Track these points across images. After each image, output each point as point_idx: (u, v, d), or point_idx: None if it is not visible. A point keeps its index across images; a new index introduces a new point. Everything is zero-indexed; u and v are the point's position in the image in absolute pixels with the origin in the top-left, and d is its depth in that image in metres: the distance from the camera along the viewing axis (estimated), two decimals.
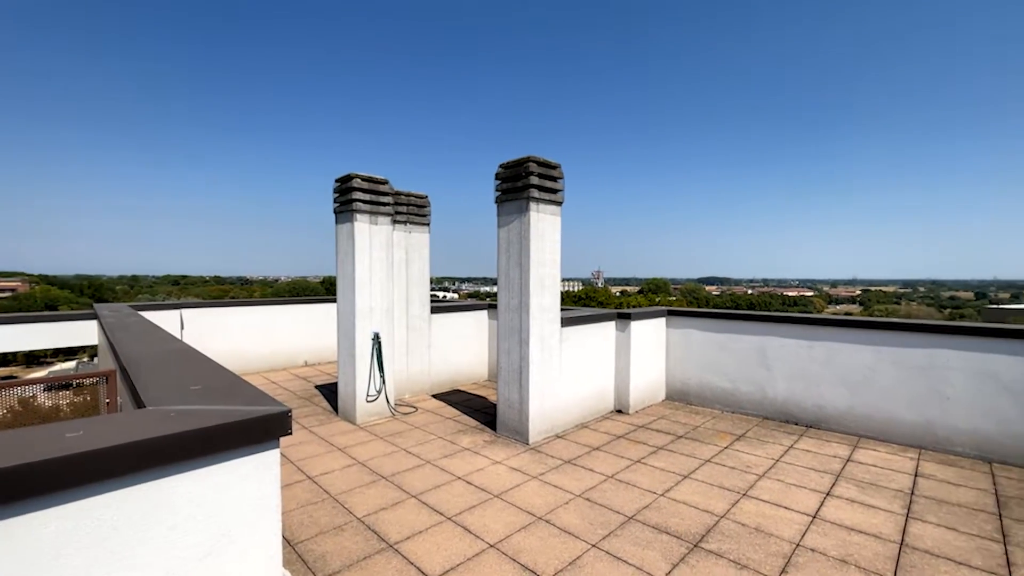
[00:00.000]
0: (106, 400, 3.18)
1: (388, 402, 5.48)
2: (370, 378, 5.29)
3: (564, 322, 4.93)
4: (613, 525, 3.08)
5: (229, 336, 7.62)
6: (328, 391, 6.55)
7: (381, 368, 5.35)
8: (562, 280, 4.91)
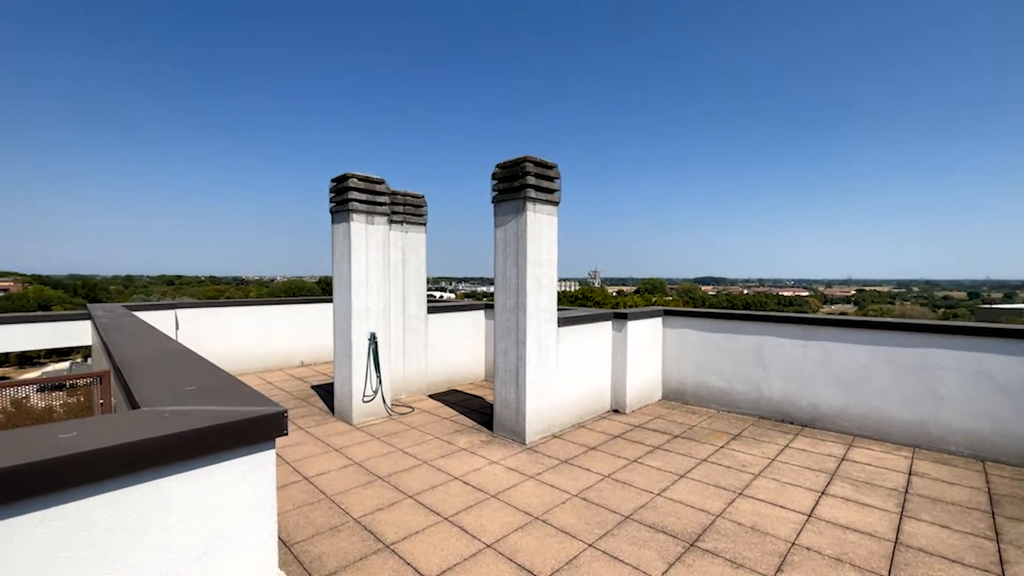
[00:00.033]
0: (100, 401, 3.16)
1: (384, 402, 5.47)
2: (366, 378, 5.28)
3: (561, 322, 4.93)
4: (610, 525, 3.09)
5: (224, 336, 7.59)
6: (324, 391, 6.53)
7: (378, 368, 5.34)
8: (559, 280, 4.91)
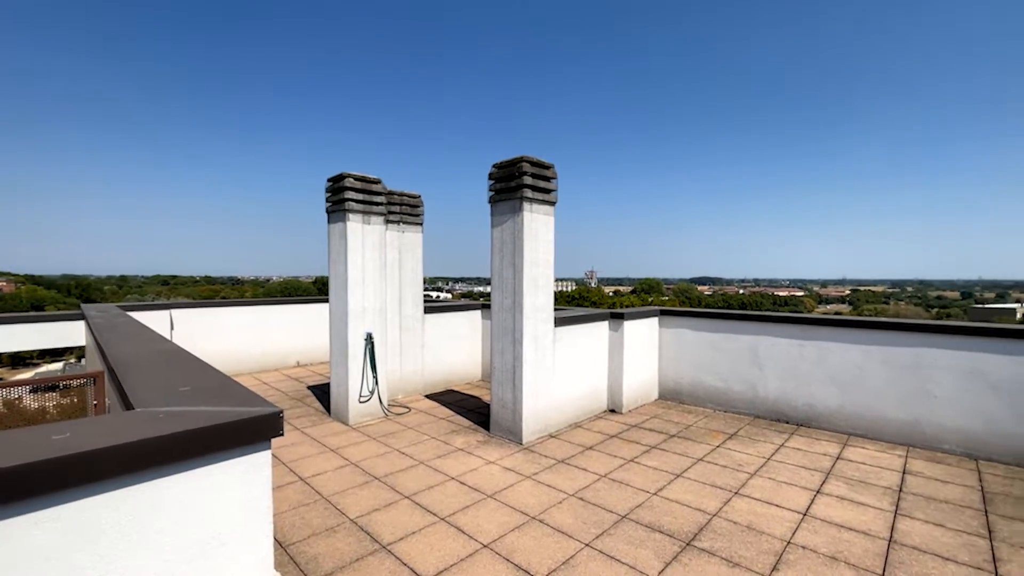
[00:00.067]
0: (94, 402, 3.14)
1: (381, 403, 5.45)
2: (363, 378, 5.26)
3: (558, 322, 4.94)
4: (606, 524, 3.09)
5: (220, 337, 7.55)
6: (320, 392, 6.51)
7: (374, 368, 5.32)
8: (555, 280, 4.92)
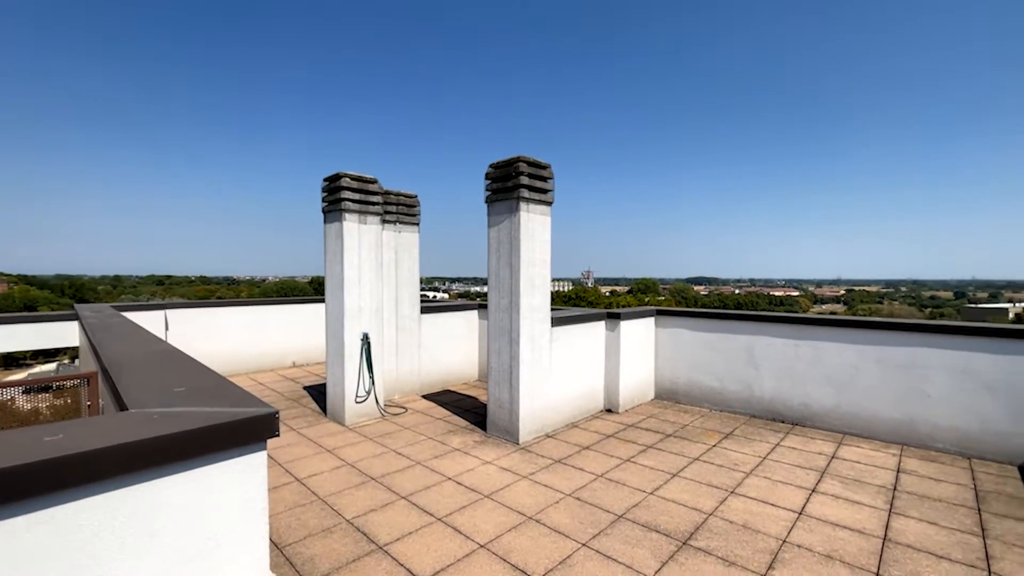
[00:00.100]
0: (87, 403, 3.12)
1: (377, 403, 5.44)
2: (359, 379, 5.25)
3: (554, 322, 4.94)
4: (603, 524, 3.10)
5: (215, 337, 7.51)
6: (316, 392, 6.49)
7: (370, 369, 5.31)
8: (552, 280, 4.92)
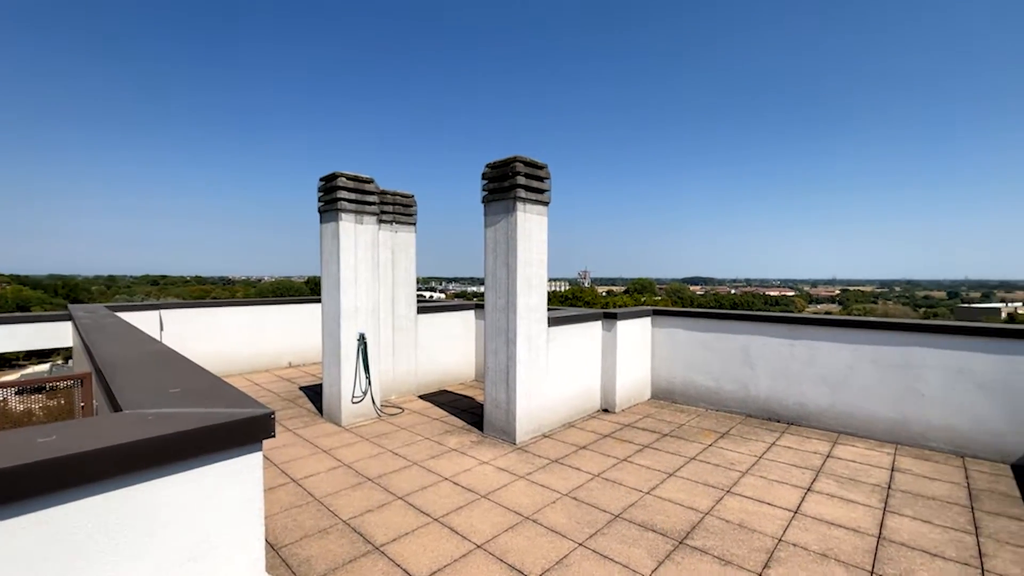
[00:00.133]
0: (81, 404, 3.10)
1: (374, 403, 5.43)
2: (355, 379, 5.23)
3: (551, 322, 4.94)
4: (600, 524, 3.10)
5: (210, 337, 7.47)
6: (313, 393, 6.47)
7: (367, 369, 5.30)
8: (549, 280, 4.92)
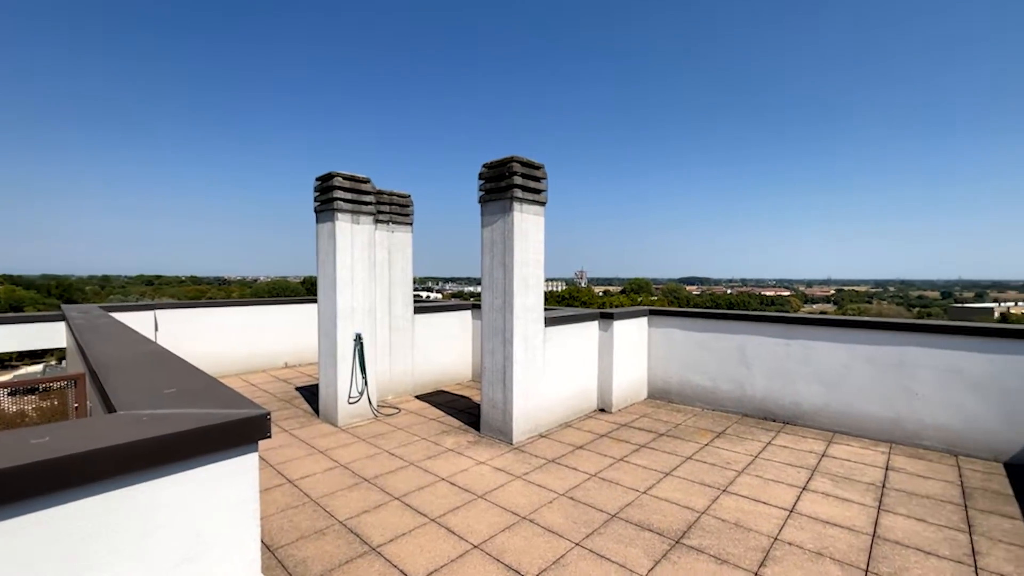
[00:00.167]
0: (75, 405, 3.08)
1: (370, 403, 5.41)
2: (352, 379, 5.22)
3: (548, 322, 4.95)
4: (596, 523, 3.11)
5: (206, 338, 7.43)
6: (309, 393, 6.44)
7: (363, 369, 5.28)
8: (545, 280, 4.92)
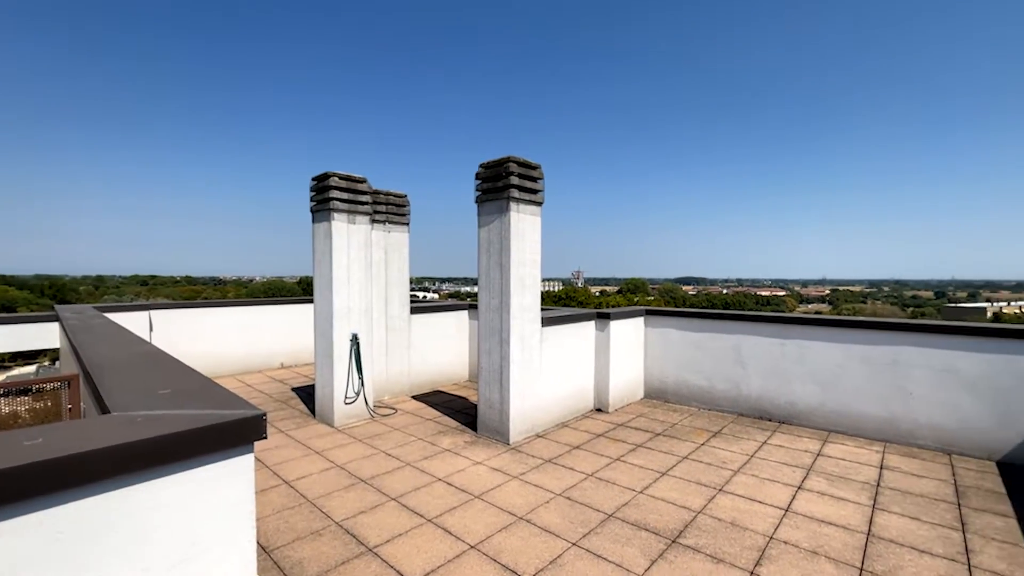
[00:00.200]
0: (68, 406, 3.06)
1: (367, 404, 5.40)
2: (348, 380, 5.21)
3: (544, 322, 4.95)
4: (593, 523, 3.11)
5: (201, 338, 7.39)
6: (305, 393, 6.42)
7: (360, 369, 5.27)
8: (542, 280, 4.93)
